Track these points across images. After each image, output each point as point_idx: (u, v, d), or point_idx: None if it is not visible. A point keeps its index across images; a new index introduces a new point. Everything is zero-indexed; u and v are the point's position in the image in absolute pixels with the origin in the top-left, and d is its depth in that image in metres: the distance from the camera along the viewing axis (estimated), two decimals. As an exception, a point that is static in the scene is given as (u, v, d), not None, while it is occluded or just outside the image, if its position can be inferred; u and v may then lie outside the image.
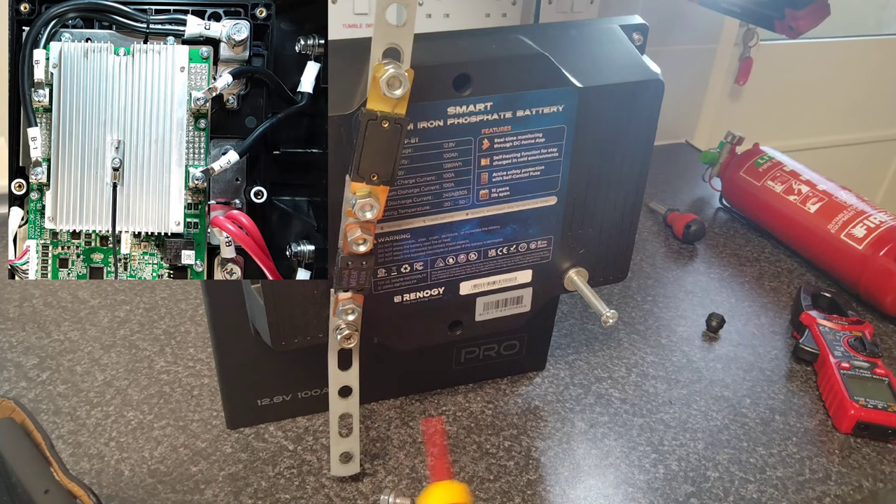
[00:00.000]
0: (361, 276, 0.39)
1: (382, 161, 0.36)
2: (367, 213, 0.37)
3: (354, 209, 0.37)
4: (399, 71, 0.34)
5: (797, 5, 0.68)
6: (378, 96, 0.34)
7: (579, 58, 0.42)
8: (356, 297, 0.41)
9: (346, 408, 0.46)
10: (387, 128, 0.35)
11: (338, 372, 0.44)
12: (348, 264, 0.39)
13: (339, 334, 0.42)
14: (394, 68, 0.33)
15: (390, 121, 0.35)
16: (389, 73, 0.33)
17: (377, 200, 0.37)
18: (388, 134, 0.35)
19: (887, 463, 0.53)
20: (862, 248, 0.69)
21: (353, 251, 0.38)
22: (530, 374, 0.59)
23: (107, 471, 0.48)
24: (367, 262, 0.39)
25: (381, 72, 0.34)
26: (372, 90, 0.34)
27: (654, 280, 0.73)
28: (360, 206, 0.36)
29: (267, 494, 0.48)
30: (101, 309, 0.64)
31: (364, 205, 0.37)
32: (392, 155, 0.36)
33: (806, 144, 1.27)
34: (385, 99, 0.34)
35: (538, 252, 0.47)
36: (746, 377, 0.61)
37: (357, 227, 0.38)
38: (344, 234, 0.38)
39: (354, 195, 0.37)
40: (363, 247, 0.38)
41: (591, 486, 0.50)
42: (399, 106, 0.35)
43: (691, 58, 1.06)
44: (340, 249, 0.39)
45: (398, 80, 0.34)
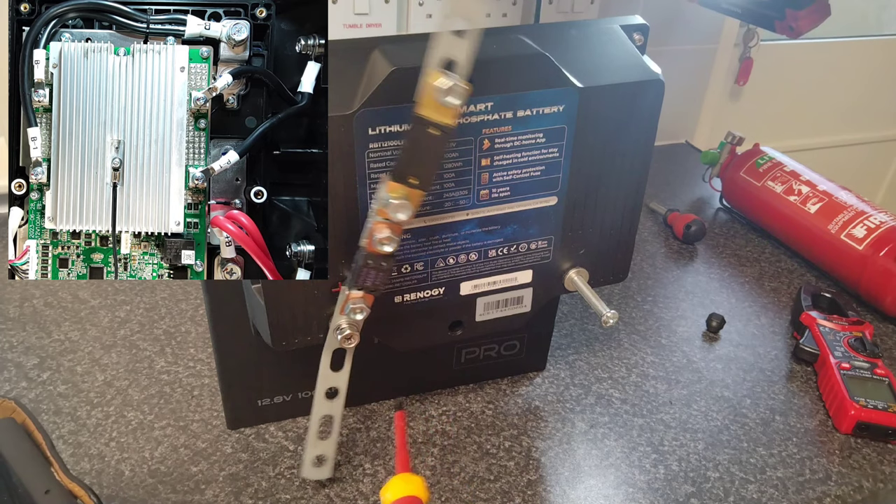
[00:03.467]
0: (379, 276, 0.39)
1: (424, 166, 0.37)
2: (399, 215, 0.37)
3: (388, 209, 0.37)
4: (460, 83, 0.34)
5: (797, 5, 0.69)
6: (432, 103, 0.34)
7: (580, 58, 0.42)
8: (367, 296, 0.41)
9: (330, 410, 0.46)
10: (435, 135, 0.35)
11: (329, 372, 0.44)
12: (368, 263, 0.39)
13: (339, 334, 0.42)
14: (455, 80, 0.34)
15: (440, 129, 0.35)
16: (453, 84, 0.34)
17: (412, 204, 0.37)
18: (435, 141, 0.36)
19: (887, 463, 0.53)
20: (862, 248, 0.69)
21: (377, 250, 0.38)
22: (530, 374, 0.59)
23: (107, 471, 0.48)
24: (386, 264, 0.39)
25: (436, 78, 0.34)
26: (426, 96, 0.34)
27: (654, 280, 0.73)
28: (394, 207, 0.37)
29: (267, 495, 0.48)
30: (101, 309, 0.64)
31: (398, 206, 0.37)
32: (435, 162, 0.37)
33: (806, 144, 1.27)
34: (438, 107, 0.35)
35: (538, 252, 0.46)
36: (747, 377, 0.61)
37: (386, 227, 0.38)
38: (370, 231, 0.38)
39: (389, 195, 0.37)
40: (388, 247, 0.38)
41: (592, 486, 0.50)
42: (450, 116, 0.35)
43: (691, 58, 1.06)
44: (363, 247, 0.39)
45: (459, 91, 0.34)
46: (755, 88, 1.15)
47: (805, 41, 1.15)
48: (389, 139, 0.39)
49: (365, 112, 0.37)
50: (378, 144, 0.39)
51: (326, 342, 0.43)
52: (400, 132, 0.39)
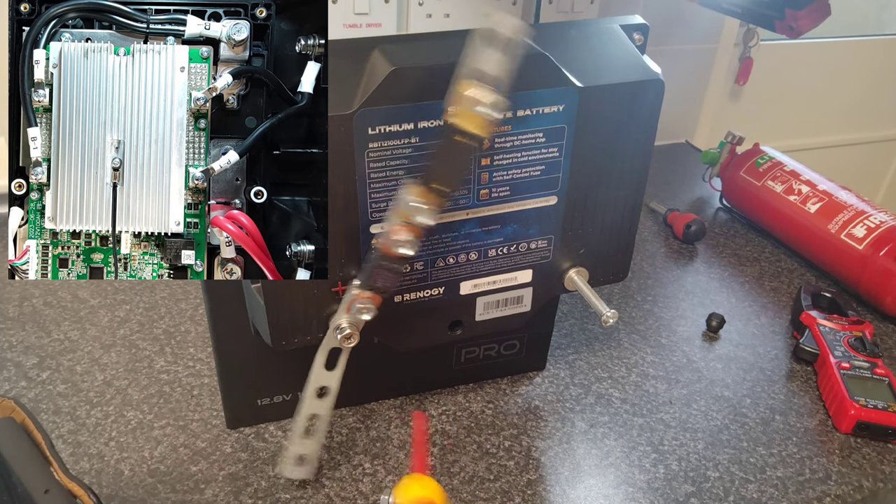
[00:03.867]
0: (390, 278, 0.40)
1: (451, 174, 0.37)
2: (422, 219, 0.37)
3: (410, 213, 0.37)
4: (499, 97, 0.34)
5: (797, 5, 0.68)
6: (467, 114, 0.35)
7: (580, 58, 0.42)
8: (375, 297, 0.41)
9: (318, 409, 0.45)
10: (466, 144, 0.36)
11: (322, 371, 0.44)
12: (382, 264, 0.39)
13: (339, 333, 0.42)
14: (495, 93, 0.34)
15: (473, 139, 0.35)
16: (496, 98, 0.34)
17: (435, 210, 0.37)
18: (464, 150, 0.36)
19: (887, 463, 0.53)
20: (862, 248, 0.69)
21: (394, 252, 0.38)
22: (530, 373, 0.59)
23: (107, 470, 0.48)
24: (400, 266, 0.39)
25: (469, 88, 0.34)
26: (461, 106, 0.35)
27: (654, 280, 0.73)
28: (418, 211, 0.37)
29: (267, 494, 0.48)
30: (101, 309, 0.64)
31: (422, 210, 0.37)
32: (462, 170, 0.37)
33: (806, 144, 1.27)
34: (472, 117, 0.35)
35: (538, 252, 0.46)
36: (746, 377, 0.61)
37: (405, 230, 0.38)
38: (388, 233, 0.38)
39: (414, 199, 0.37)
40: (407, 250, 0.38)
41: (592, 485, 0.50)
42: (483, 126, 0.35)
43: (691, 58, 1.06)
44: (376, 248, 0.39)
45: (500, 104, 0.34)
46: (755, 88, 1.15)
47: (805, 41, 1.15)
48: (389, 139, 0.39)
49: (365, 111, 0.37)
50: (378, 144, 0.39)
51: (324, 340, 0.43)
52: (400, 132, 0.39)
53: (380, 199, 0.40)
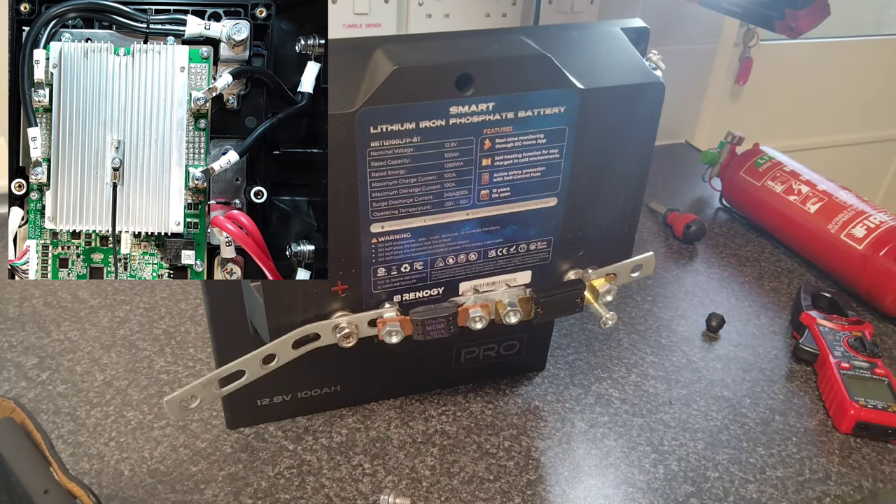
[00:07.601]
0: (442, 328, 0.41)
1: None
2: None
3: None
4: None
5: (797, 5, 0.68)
6: None
7: (581, 59, 0.42)
8: (405, 322, 0.41)
9: (251, 369, 0.42)
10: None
11: (287, 346, 0.42)
12: (449, 319, 0.41)
13: (338, 333, 0.42)
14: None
15: None
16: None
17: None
18: None
19: (887, 463, 0.53)
20: (862, 248, 0.69)
21: (464, 323, 0.41)
22: (530, 374, 0.59)
23: (106, 471, 0.48)
24: (455, 329, 0.41)
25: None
26: None
27: (654, 280, 0.73)
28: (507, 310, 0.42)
29: (267, 494, 0.48)
30: (101, 309, 0.64)
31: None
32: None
33: (806, 144, 1.27)
34: None
35: (538, 253, 0.46)
36: (746, 377, 0.61)
37: (480, 308, 0.42)
38: (467, 307, 0.42)
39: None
40: (478, 325, 0.42)
41: (591, 486, 0.50)
42: None
43: (691, 58, 1.06)
44: (453, 307, 0.42)
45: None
46: (755, 88, 1.15)
47: (805, 41, 1.15)
48: (391, 138, 0.39)
49: (367, 110, 0.37)
50: (379, 143, 0.39)
51: (318, 323, 0.42)
52: (402, 131, 0.39)
53: (380, 198, 0.40)
